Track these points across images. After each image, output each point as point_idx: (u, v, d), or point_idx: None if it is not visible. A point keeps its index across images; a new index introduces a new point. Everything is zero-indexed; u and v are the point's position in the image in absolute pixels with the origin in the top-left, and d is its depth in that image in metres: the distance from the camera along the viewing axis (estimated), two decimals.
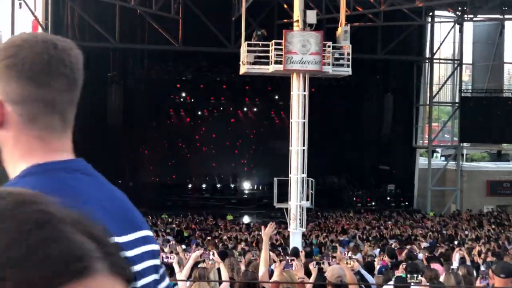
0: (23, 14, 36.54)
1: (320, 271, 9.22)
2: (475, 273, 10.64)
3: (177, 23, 36.59)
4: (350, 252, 16.26)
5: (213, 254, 8.48)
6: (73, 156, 1.75)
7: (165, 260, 8.71)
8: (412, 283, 8.29)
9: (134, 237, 1.74)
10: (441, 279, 8.77)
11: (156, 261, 1.80)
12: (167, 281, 1.87)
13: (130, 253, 1.67)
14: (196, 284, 7.61)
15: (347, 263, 10.12)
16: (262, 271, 8.66)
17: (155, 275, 1.79)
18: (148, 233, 1.82)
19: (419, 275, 8.83)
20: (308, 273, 9.13)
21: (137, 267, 1.69)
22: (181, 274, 8.14)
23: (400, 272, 10.05)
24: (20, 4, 34.40)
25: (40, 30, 37.55)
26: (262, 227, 9.71)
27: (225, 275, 8.10)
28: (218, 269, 8.80)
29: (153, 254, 1.79)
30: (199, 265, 8.54)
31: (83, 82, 1.80)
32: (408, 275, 8.78)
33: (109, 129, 40.56)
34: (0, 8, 36.94)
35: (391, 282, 8.80)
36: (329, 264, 9.26)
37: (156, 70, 41.77)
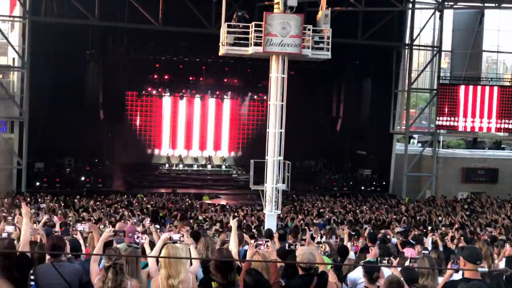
0: None
1: (293, 253, 9.30)
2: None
3: (158, 3, 36.33)
4: (324, 237, 16.34)
5: (183, 235, 8.44)
6: None
7: (137, 240, 8.70)
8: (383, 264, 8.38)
9: None
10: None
11: None
12: None
13: None
14: (166, 248, 7.62)
15: (320, 245, 10.17)
16: (233, 251, 8.73)
17: None
18: None
19: (391, 258, 8.94)
20: (281, 256, 9.18)
21: None
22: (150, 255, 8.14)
23: (371, 255, 10.14)
24: None
25: (18, 5, 37.20)
26: (231, 218, 9.78)
27: (195, 255, 8.09)
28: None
29: None
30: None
31: (60, 59, 1.78)
32: (379, 258, 8.88)
33: (87, 107, 40.27)
34: None
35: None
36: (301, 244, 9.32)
37: (136, 49, 41.42)
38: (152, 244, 9.39)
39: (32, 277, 7.68)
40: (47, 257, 7.88)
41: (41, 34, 36.19)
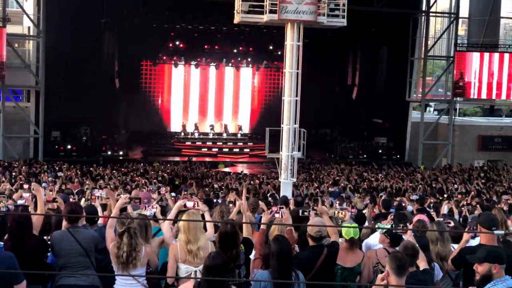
0: None
1: (306, 219, 9.30)
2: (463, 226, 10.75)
3: None
4: (338, 203, 16.31)
5: (197, 203, 8.42)
6: None
7: (148, 209, 8.71)
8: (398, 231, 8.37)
9: None
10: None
11: None
12: None
13: None
14: (187, 214, 7.69)
15: (338, 213, 10.15)
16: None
17: None
18: None
19: (407, 223, 8.94)
20: (296, 221, 9.17)
21: None
22: (163, 224, 8.19)
23: (387, 222, 10.13)
24: None
25: None
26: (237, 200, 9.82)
27: (209, 224, 8.10)
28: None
29: None
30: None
31: (75, 28, 1.74)
32: (394, 224, 8.88)
33: (103, 76, 40.32)
34: None
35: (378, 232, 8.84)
36: (315, 213, 9.34)
37: (150, 18, 41.31)
38: (164, 213, 9.45)
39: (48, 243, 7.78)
40: (64, 223, 7.94)
41: (56, 3, 36.07)
